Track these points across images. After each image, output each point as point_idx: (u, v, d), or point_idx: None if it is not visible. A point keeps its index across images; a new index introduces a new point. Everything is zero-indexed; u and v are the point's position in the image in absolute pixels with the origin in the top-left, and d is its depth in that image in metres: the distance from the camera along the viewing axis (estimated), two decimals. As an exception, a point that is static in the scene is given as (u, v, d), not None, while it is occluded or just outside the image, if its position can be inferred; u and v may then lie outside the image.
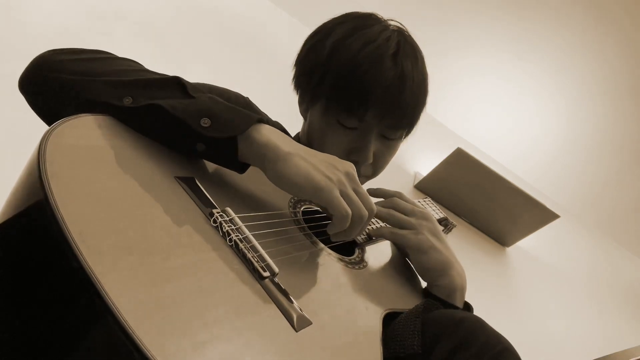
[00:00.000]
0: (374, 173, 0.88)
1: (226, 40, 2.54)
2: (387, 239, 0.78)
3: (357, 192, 0.60)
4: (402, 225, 0.76)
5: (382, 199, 0.83)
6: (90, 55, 0.63)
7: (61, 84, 0.58)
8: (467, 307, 0.79)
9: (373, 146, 0.82)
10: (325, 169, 0.58)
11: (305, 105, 0.89)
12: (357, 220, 0.59)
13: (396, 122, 0.82)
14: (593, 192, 3.51)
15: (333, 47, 0.80)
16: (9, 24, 1.70)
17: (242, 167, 0.60)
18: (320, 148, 0.82)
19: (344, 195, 0.58)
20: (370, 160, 0.82)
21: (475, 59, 3.20)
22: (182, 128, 0.55)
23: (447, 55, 3.11)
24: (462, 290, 0.77)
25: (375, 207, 0.62)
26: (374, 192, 0.83)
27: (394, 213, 0.77)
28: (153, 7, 2.38)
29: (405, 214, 0.78)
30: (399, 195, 0.82)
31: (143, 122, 0.56)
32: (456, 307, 0.75)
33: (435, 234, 0.77)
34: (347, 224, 0.58)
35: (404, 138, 0.90)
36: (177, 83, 0.60)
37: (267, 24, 2.93)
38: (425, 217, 0.78)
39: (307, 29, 1.04)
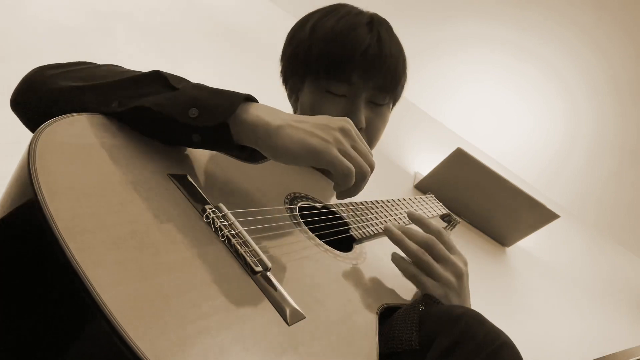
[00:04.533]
0: (369, 143, 0.91)
1: (226, 40, 2.54)
2: (406, 278, 0.72)
3: (355, 148, 0.60)
4: (429, 273, 0.70)
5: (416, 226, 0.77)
6: (75, 67, 0.64)
7: (50, 98, 0.59)
8: None
9: (364, 111, 0.86)
10: (320, 130, 0.58)
11: (295, 92, 0.93)
12: (360, 177, 0.59)
13: (381, 84, 0.86)
14: (593, 192, 3.50)
15: (312, 27, 0.87)
16: (10, 24, 1.70)
17: (242, 149, 0.60)
18: None
19: (343, 153, 0.58)
20: (363, 124, 0.86)
21: (476, 59, 3.19)
22: (173, 123, 0.55)
23: (448, 55, 3.11)
24: None
25: (374, 162, 0.61)
26: (415, 219, 0.78)
27: (426, 257, 0.70)
28: (153, 7, 2.38)
29: (438, 259, 0.71)
30: (438, 234, 0.74)
31: (135, 123, 0.56)
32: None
33: (459, 295, 0.72)
34: (352, 180, 0.57)
35: (392, 107, 0.95)
36: (158, 77, 0.60)
37: (267, 24, 2.93)
38: (457, 273, 0.72)
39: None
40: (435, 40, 2.95)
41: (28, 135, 0.47)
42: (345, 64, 0.83)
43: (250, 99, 0.59)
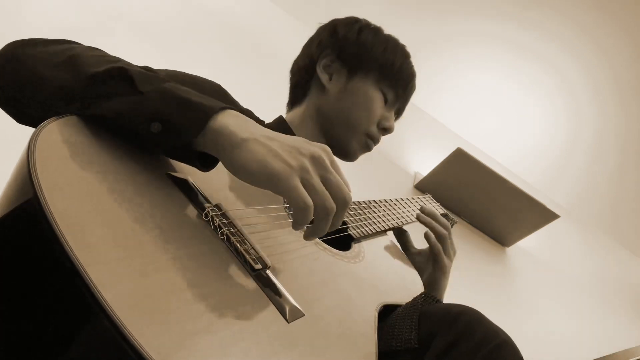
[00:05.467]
0: None
1: (226, 40, 2.54)
2: (433, 251, 0.94)
3: (326, 179, 0.52)
4: (446, 251, 0.96)
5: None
6: (52, 48, 0.58)
7: (19, 80, 0.55)
8: None
9: None
10: (286, 153, 0.51)
11: (330, 71, 1.01)
12: (322, 213, 0.51)
13: (403, 107, 1.07)
14: (593, 192, 3.50)
15: (387, 37, 1.02)
16: (9, 24, 1.70)
17: (203, 164, 0.55)
18: (366, 112, 0.99)
19: (306, 183, 0.50)
20: (394, 129, 1.03)
21: (477, 58, 3.19)
22: (134, 134, 0.51)
23: (449, 54, 3.11)
24: None
25: (349, 198, 0.54)
26: (428, 212, 1.00)
27: (448, 241, 0.97)
28: (153, 7, 2.38)
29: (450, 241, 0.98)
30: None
31: (100, 125, 0.52)
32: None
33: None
34: (309, 218, 0.50)
35: None
36: (123, 77, 0.53)
37: (267, 24, 2.93)
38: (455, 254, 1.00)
39: (307, 28, 1.05)
40: (437, 37, 2.94)
41: (27, 134, 0.47)
42: (407, 84, 1.02)
43: (225, 109, 0.53)
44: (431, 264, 0.95)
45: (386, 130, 1.01)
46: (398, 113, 1.06)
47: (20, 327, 0.39)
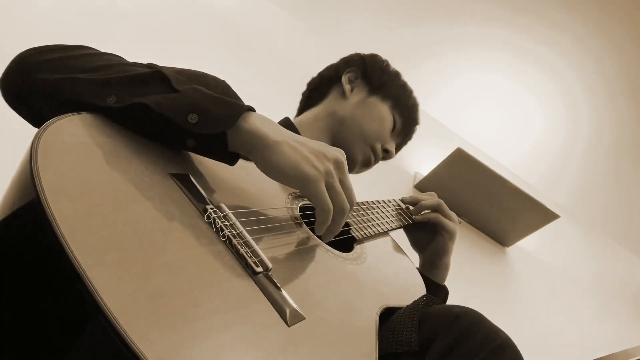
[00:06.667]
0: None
1: (226, 40, 2.53)
2: (433, 222, 0.99)
3: (342, 182, 0.61)
4: (449, 217, 1.00)
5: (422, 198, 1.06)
6: (70, 53, 0.61)
7: (43, 85, 0.56)
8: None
9: None
10: (315, 158, 0.58)
11: (353, 84, 1.10)
12: (339, 213, 0.60)
13: (401, 144, 1.15)
14: (593, 192, 3.49)
15: (404, 80, 1.13)
16: (9, 24, 1.70)
17: (232, 159, 0.60)
18: (378, 126, 1.06)
19: (329, 187, 0.59)
20: (394, 156, 1.12)
21: (475, 58, 3.18)
22: (169, 125, 0.54)
23: (447, 54, 3.10)
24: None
25: (356, 199, 0.63)
26: (409, 200, 1.05)
27: (446, 207, 1.02)
28: (153, 7, 2.38)
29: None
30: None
31: (129, 120, 0.55)
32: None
33: None
34: (330, 218, 0.59)
35: None
36: (160, 77, 0.58)
37: (267, 24, 2.93)
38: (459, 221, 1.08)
39: (306, 29, 1.06)
40: (435, 39, 2.94)
41: (30, 134, 0.47)
42: (414, 121, 1.13)
43: (251, 109, 0.59)
44: (436, 232, 0.99)
45: (388, 153, 1.09)
46: (397, 148, 1.14)
47: (20, 330, 0.39)
